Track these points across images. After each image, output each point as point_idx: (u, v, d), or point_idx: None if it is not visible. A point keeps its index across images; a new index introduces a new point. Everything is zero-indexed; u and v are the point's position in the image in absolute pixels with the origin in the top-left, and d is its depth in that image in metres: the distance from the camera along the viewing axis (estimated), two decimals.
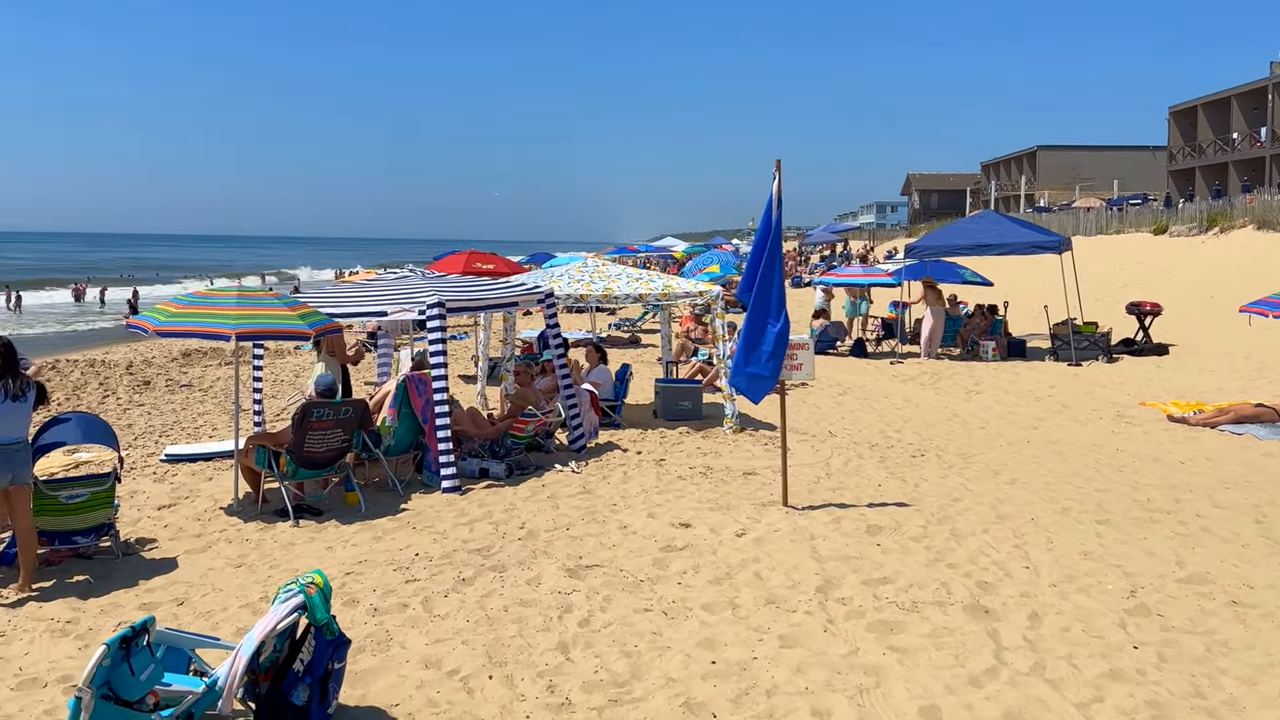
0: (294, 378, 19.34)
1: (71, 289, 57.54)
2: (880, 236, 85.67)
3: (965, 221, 22.97)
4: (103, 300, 53.08)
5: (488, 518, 8.57)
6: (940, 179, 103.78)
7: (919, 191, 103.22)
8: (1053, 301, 24.09)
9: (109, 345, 28.35)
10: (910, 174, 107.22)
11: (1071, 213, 52.07)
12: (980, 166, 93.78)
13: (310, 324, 9.15)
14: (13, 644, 6.27)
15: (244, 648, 4.80)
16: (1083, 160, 77.08)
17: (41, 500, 7.72)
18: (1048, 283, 26.61)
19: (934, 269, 21.80)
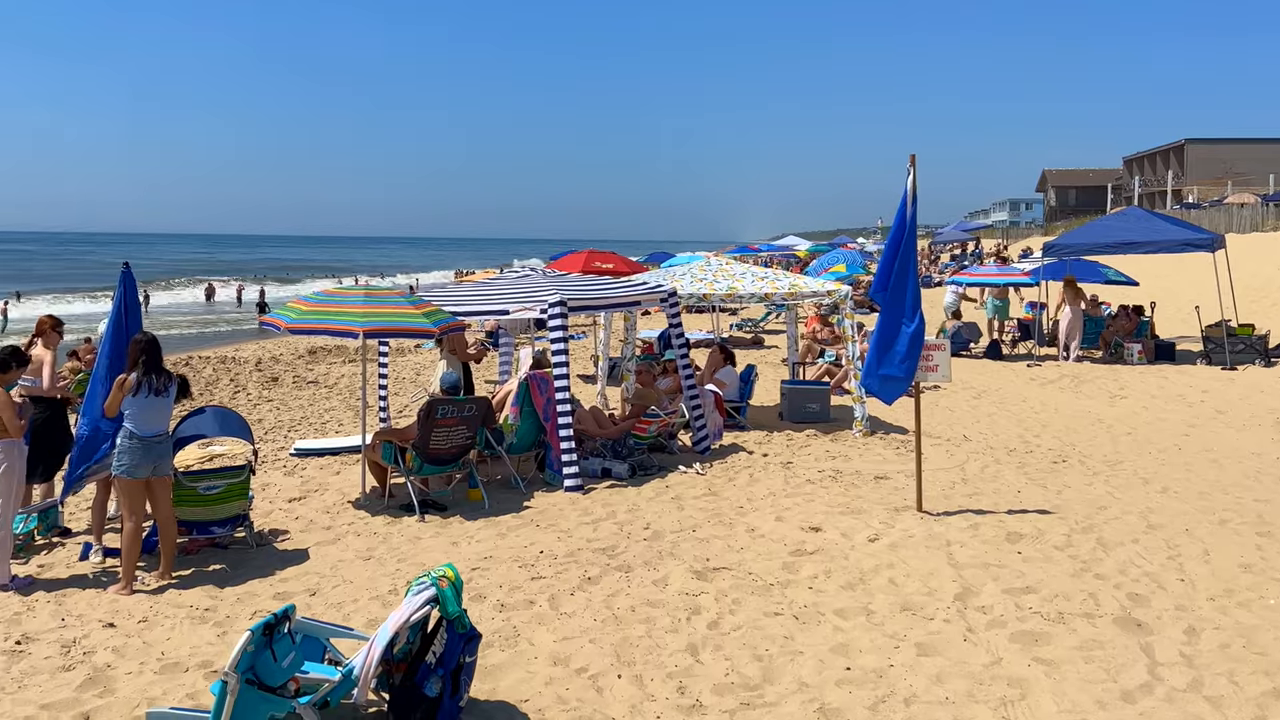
0: (415, 375, 19.86)
1: (204, 288, 60.56)
2: (1014, 235, 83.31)
3: (1110, 218, 22.15)
4: (240, 299, 55.72)
5: (611, 517, 8.65)
6: (1079, 174, 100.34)
7: (1055, 188, 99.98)
8: (1204, 302, 23.05)
9: (239, 343, 29.62)
10: (1046, 169, 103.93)
11: (1223, 209, 49.72)
12: (1122, 161, 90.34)
13: (434, 322, 9.38)
14: (155, 629, 6.59)
15: (378, 638, 4.94)
16: (1235, 154, 73.56)
17: (181, 491, 8.11)
18: (1198, 283, 25.48)
19: (1075, 268, 21.10)
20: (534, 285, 11.24)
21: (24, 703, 5.48)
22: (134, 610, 6.94)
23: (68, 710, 5.37)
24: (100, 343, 8.53)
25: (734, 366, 13.33)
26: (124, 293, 8.45)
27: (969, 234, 61.88)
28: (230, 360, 23.60)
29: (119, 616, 6.82)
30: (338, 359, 23.47)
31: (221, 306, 54.49)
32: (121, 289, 8.45)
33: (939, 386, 15.87)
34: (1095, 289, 23.45)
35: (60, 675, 5.84)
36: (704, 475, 10.15)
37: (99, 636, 6.46)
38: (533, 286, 11.16)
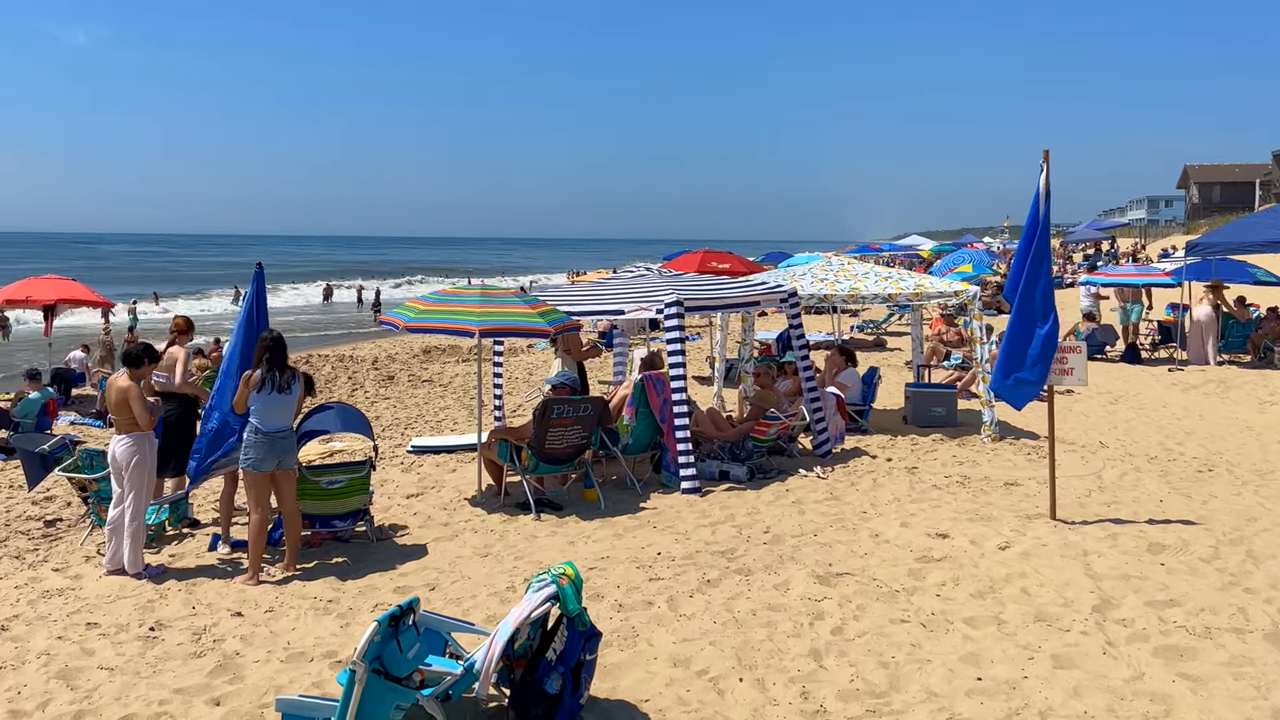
0: (528, 375, 20.16)
1: (323, 288, 62.72)
2: (1153, 234, 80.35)
3: (1259, 215, 21.19)
4: (360, 299, 57.57)
5: (730, 520, 8.65)
6: (1223, 170, 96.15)
7: (1198, 184, 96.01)
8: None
9: (356, 342, 30.52)
10: (1188, 165, 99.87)
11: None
12: (1272, 156, 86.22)
13: (550, 321, 9.53)
14: (281, 619, 6.85)
15: (499, 634, 5.05)
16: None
17: (304, 485, 8.41)
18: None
19: (1221, 267, 20.22)
20: (649, 285, 11.31)
21: (158, 686, 5.76)
22: (260, 600, 7.23)
23: (200, 695, 5.63)
24: (230, 340, 8.91)
25: (856, 368, 13.19)
26: (255, 291, 8.81)
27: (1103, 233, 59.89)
28: (348, 359, 24.35)
29: (246, 606, 7.11)
30: (451, 358, 23.99)
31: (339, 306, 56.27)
32: (253, 288, 8.82)
33: (1072, 391, 15.41)
34: (1243, 290, 22.45)
35: (192, 661, 6.12)
36: (825, 479, 10.07)
37: (228, 625, 6.75)
38: (648, 286, 11.23)
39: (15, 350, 29.98)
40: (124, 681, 5.86)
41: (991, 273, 28.11)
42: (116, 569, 7.94)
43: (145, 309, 42.94)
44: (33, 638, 6.61)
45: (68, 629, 6.75)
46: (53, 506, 10.55)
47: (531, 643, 5.31)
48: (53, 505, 10.61)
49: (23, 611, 7.15)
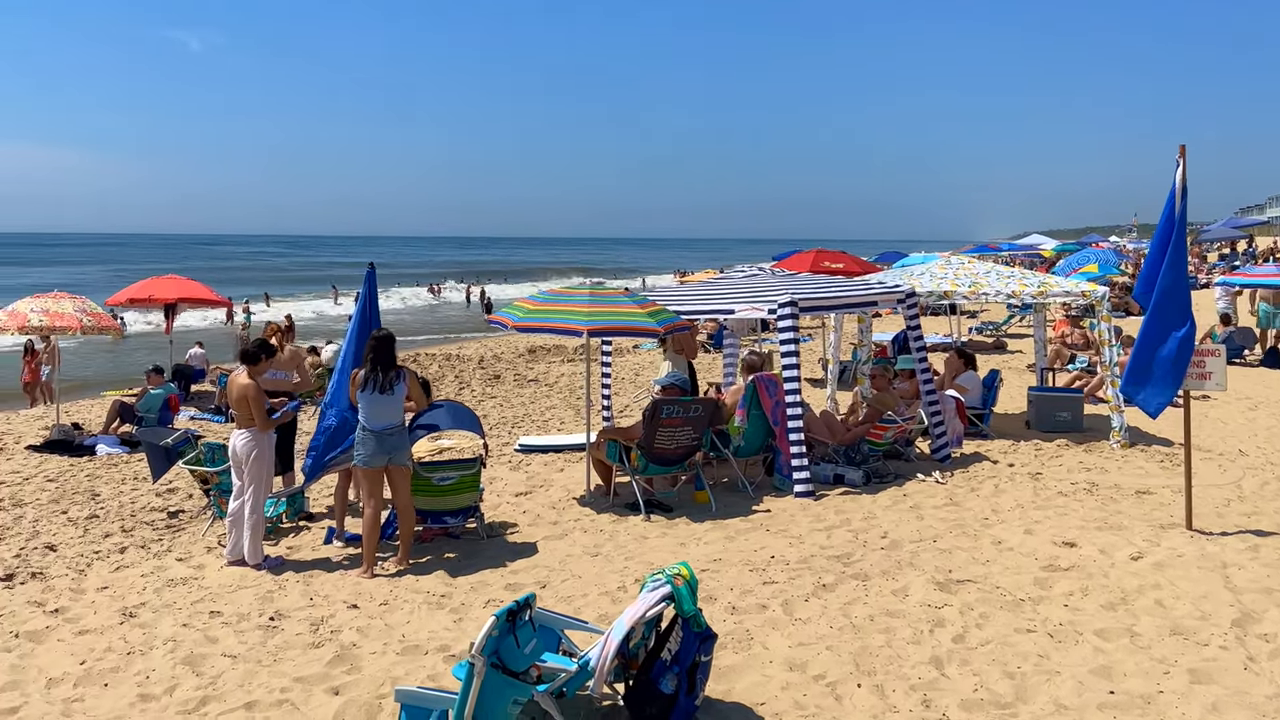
0: (634, 376, 20.30)
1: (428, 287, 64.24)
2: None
3: None
4: (469, 299, 58.86)
5: (845, 525, 8.59)
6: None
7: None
8: None
9: (461, 341, 31.13)
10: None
11: None
12: None
13: (659, 321, 9.58)
14: (395, 612, 7.05)
15: (614, 632, 5.12)
16: None
17: (417, 481, 8.62)
18: None
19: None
20: (762, 284, 11.30)
21: (280, 675, 5.99)
22: (375, 593, 7.45)
23: (319, 684, 5.83)
24: (345, 339, 9.19)
25: (975, 371, 12.95)
26: (368, 292, 9.07)
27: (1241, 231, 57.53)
28: (454, 358, 24.84)
29: (361, 599, 7.34)
30: (557, 358, 24.28)
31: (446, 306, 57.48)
32: (365, 288, 9.08)
33: (1209, 396, 14.87)
34: None
35: (311, 651, 6.34)
36: (944, 484, 9.93)
37: (344, 616, 6.97)
38: (760, 286, 11.21)
39: (132, 349, 31.36)
40: (246, 669, 6.10)
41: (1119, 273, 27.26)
42: (237, 560, 8.27)
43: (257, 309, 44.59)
44: (159, 624, 6.93)
45: (192, 617, 7.06)
46: (175, 498, 11.02)
47: (646, 642, 5.37)
48: (175, 497, 11.07)
49: (149, 599, 7.50)
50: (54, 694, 5.87)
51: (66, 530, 9.77)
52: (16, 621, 7.10)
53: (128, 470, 12.76)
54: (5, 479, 12.24)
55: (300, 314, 42.67)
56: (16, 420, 17.00)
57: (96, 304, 16.87)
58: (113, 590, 7.77)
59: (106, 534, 9.59)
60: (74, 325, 15.39)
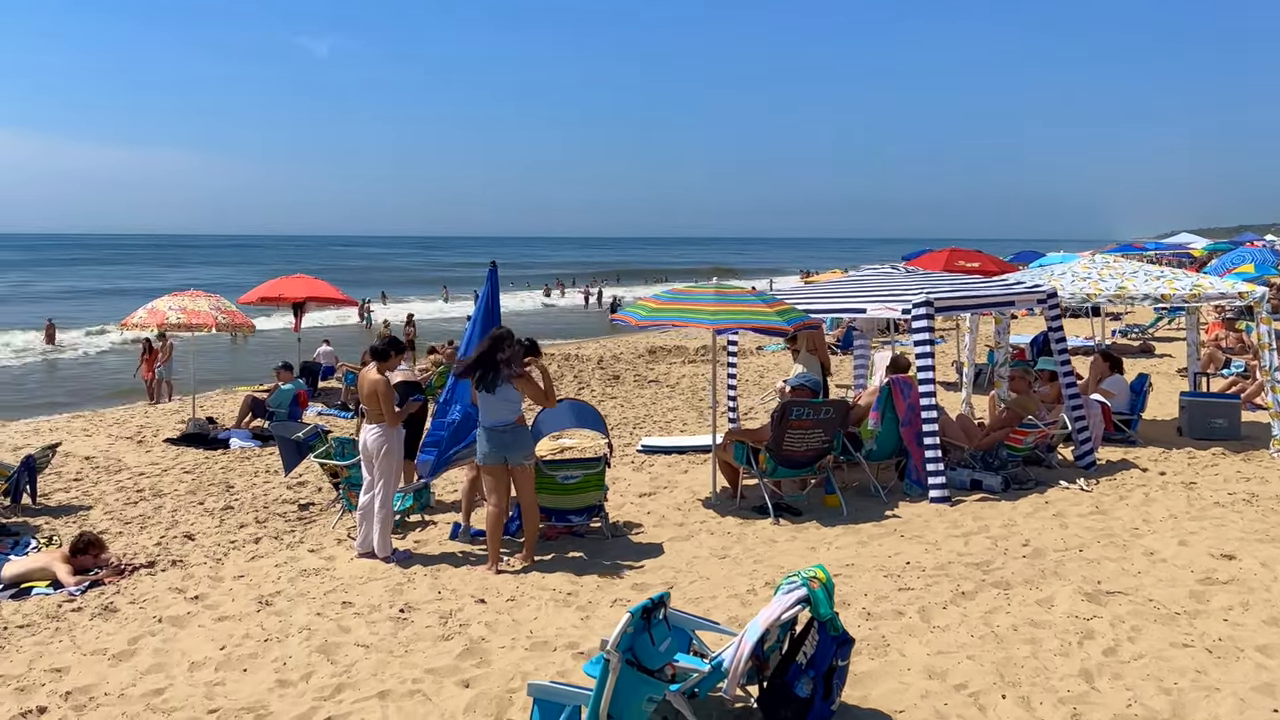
0: (758, 378, 20.23)
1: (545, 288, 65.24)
2: None
3: None
4: (587, 299, 59.62)
5: (984, 532, 8.42)
6: None
7: None
8: None
9: (580, 341, 31.48)
10: None
11: None
12: None
13: (788, 320, 9.54)
14: (522, 608, 7.17)
15: (749, 634, 5.11)
16: None
17: (541, 479, 8.75)
18: None
19: None
20: (895, 283, 11.14)
21: (411, 666, 6.15)
22: (502, 589, 7.59)
23: (450, 676, 5.97)
24: (464, 337, 9.39)
25: (1123, 375, 12.54)
26: (490, 290, 9.23)
27: None
28: (574, 357, 25.12)
29: (489, 594, 7.49)
30: (677, 359, 24.35)
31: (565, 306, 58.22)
32: (487, 286, 9.25)
33: None
34: None
35: (441, 644, 6.50)
36: (1089, 492, 9.64)
37: (472, 611, 7.12)
38: (894, 285, 11.06)
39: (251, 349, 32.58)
40: (379, 659, 6.28)
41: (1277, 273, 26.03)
42: (366, 552, 8.52)
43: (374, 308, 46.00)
44: (294, 613, 7.19)
45: (325, 607, 7.30)
46: (305, 491, 11.42)
47: (780, 645, 5.36)
48: (305, 490, 11.48)
49: (284, 588, 7.79)
50: (197, 677, 6.14)
51: (203, 520, 10.21)
52: (159, 607, 7.46)
53: (260, 463, 13.27)
54: (145, 470, 12.86)
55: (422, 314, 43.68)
56: (155, 414, 17.86)
57: (230, 302, 17.61)
58: (249, 579, 8.10)
59: (241, 524, 9.99)
60: (209, 322, 16.07)
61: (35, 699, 5.89)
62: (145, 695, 5.90)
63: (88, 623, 7.25)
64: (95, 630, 7.06)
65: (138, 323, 16.15)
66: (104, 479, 12.40)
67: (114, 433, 15.69)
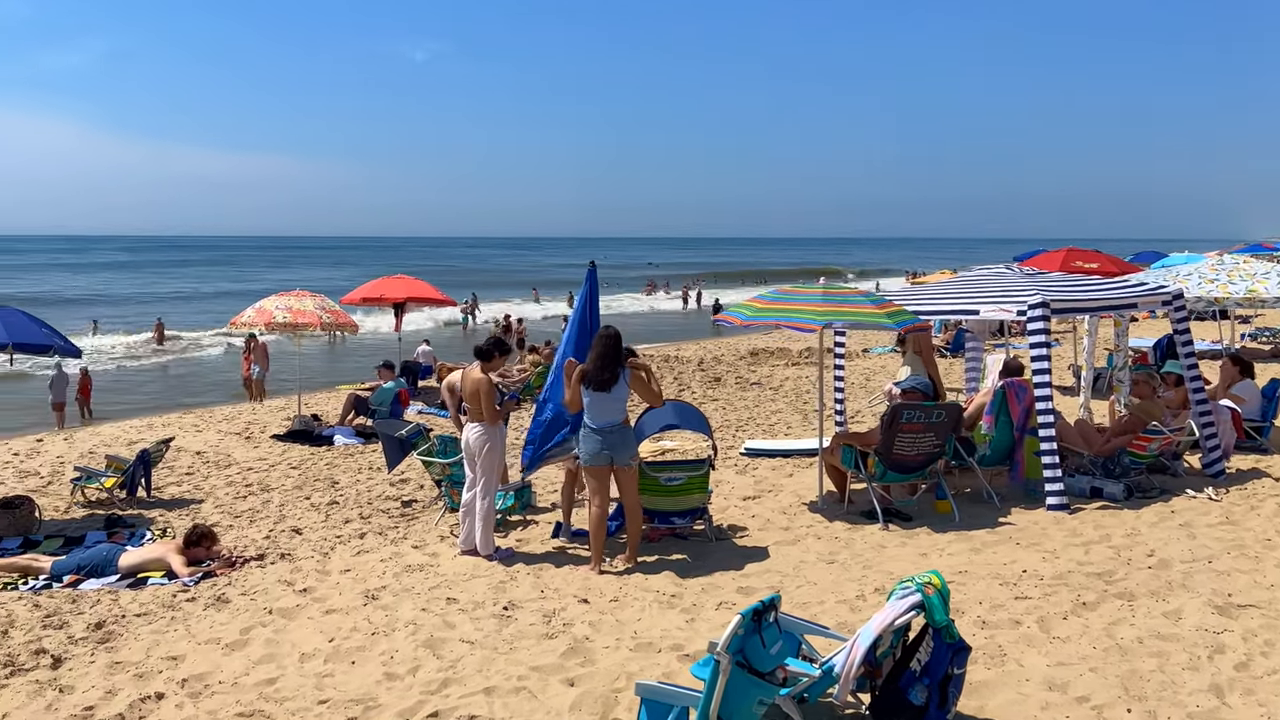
0: (865, 381, 20.01)
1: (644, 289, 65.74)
2: None
3: None
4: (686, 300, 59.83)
5: (1105, 541, 8.21)
6: None
7: None
8: None
9: (680, 343, 31.50)
10: None
11: None
12: None
13: (898, 322, 9.43)
14: (626, 609, 7.21)
15: (861, 639, 5.07)
16: None
17: (644, 480, 8.79)
18: None
19: None
20: (1009, 284, 10.93)
21: (516, 663, 6.24)
22: (605, 589, 7.65)
23: (555, 674, 6.03)
24: (563, 337, 9.47)
25: (1253, 380, 12.12)
26: (589, 290, 9.27)
27: None
28: (673, 359, 25.15)
29: (591, 594, 7.55)
30: (780, 361, 24.22)
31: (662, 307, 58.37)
32: (586, 287, 9.29)
33: None
34: None
35: (545, 642, 6.58)
36: (1219, 501, 9.33)
37: (575, 610, 7.19)
38: (1007, 285, 10.85)
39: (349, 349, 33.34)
40: (484, 655, 6.38)
41: None
42: (469, 550, 8.66)
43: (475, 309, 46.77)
44: (400, 608, 7.35)
45: (430, 602, 7.45)
46: (408, 488, 11.66)
47: (893, 651, 5.30)
48: (407, 487, 11.72)
49: (389, 583, 7.97)
50: (307, 668, 6.32)
51: (310, 515, 10.50)
52: (269, 599, 7.70)
53: (363, 460, 13.59)
54: (253, 465, 13.27)
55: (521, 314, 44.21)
56: (261, 410, 18.41)
57: (333, 302, 18.08)
58: (355, 573, 8.30)
59: (346, 520, 10.25)
60: (314, 321, 16.52)
61: (153, 685, 6.12)
62: (258, 685, 6.09)
63: (201, 612, 7.52)
64: (209, 620, 7.32)
65: (246, 322, 16.68)
66: (214, 473, 12.84)
67: (223, 428, 16.22)
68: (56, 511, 11.02)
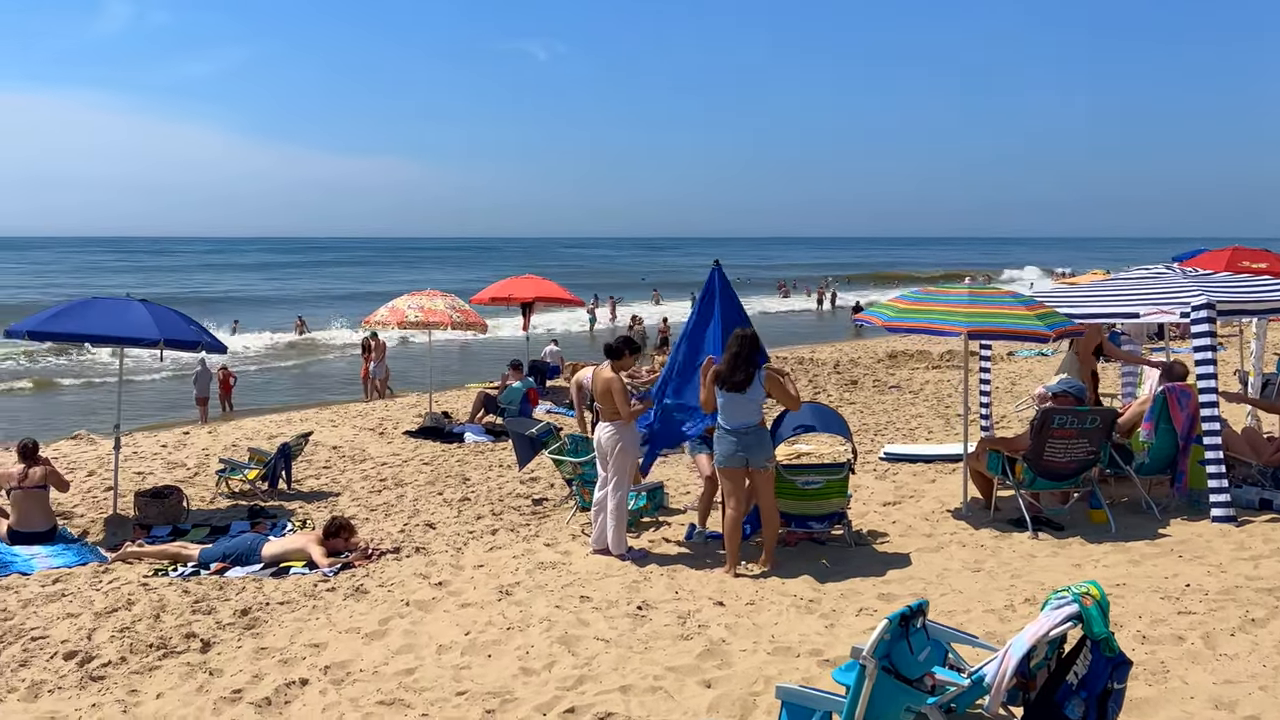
0: (1010, 385, 19.57)
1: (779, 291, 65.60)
2: None
3: None
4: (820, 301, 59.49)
5: (1276, 555, 7.87)
6: None
7: None
8: None
9: (814, 344, 31.28)
10: None
11: None
12: None
13: (1049, 325, 9.19)
14: (762, 612, 7.20)
15: (1014, 649, 4.96)
16: None
17: (780, 484, 8.76)
18: None
19: None
20: (1168, 284, 10.55)
21: (651, 663, 6.28)
22: (740, 592, 7.65)
23: (691, 675, 6.06)
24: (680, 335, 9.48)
25: None
26: (716, 289, 9.22)
27: None
28: (807, 361, 24.99)
29: (727, 596, 7.55)
30: (920, 364, 23.83)
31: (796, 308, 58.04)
32: (710, 286, 9.24)
33: None
34: None
35: (680, 643, 6.60)
36: None
37: (710, 613, 7.20)
38: (1168, 286, 10.47)
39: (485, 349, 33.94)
40: (619, 654, 6.45)
41: None
42: (601, 549, 8.75)
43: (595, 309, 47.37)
44: (534, 604, 7.47)
45: (563, 600, 7.55)
46: (538, 486, 11.84)
47: (1048, 663, 5.17)
48: (538, 485, 11.90)
49: (522, 579, 8.10)
50: (444, 660, 6.48)
51: (442, 510, 10.76)
52: (406, 591, 7.91)
53: (493, 458, 13.86)
54: (387, 460, 13.67)
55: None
56: (394, 407, 18.93)
57: (463, 301, 18.50)
58: (488, 569, 8.47)
59: (478, 516, 10.47)
60: (445, 321, 16.93)
61: (297, 671, 6.37)
62: (397, 674, 6.28)
63: (341, 602, 7.77)
64: (348, 610, 7.57)
65: (380, 320, 17.18)
66: (350, 467, 13.27)
67: (357, 424, 16.74)
68: (202, 501, 11.55)
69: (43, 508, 9.90)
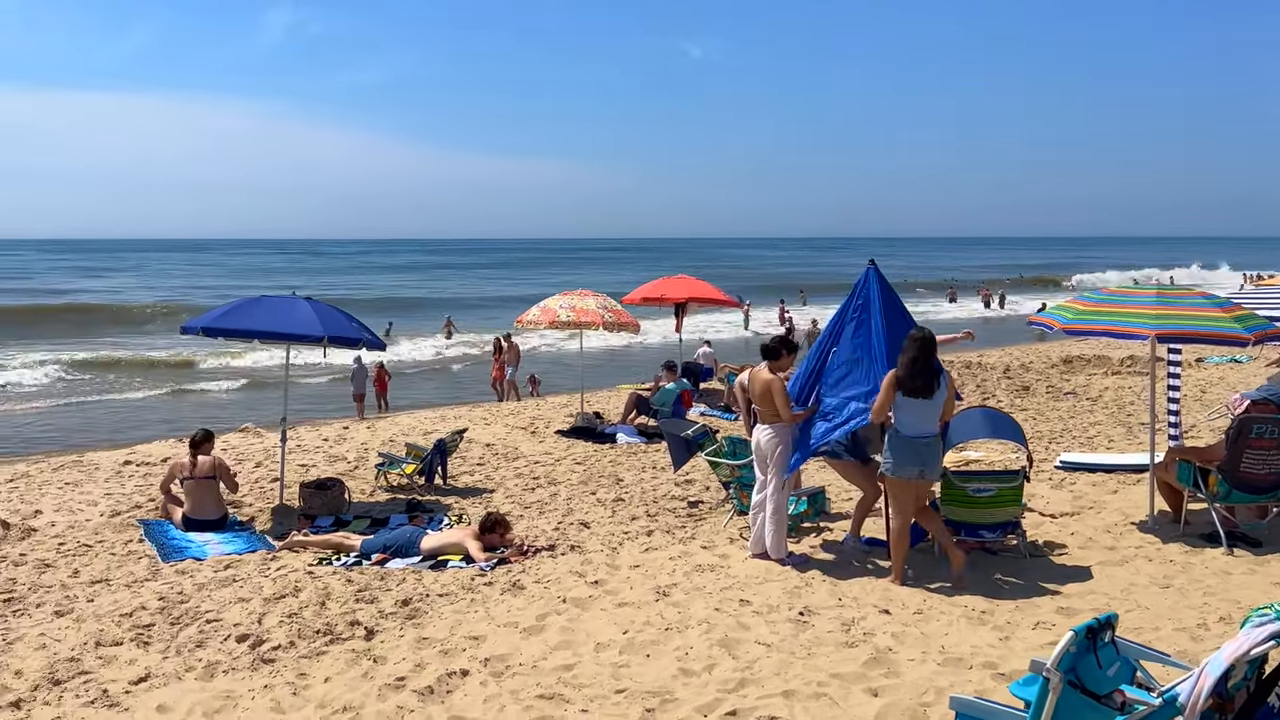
0: (1199, 393, 18.75)
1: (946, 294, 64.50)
2: None
3: None
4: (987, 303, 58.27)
5: None
6: None
7: None
8: None
9: (982, 349, 30.53)
10: None
11: None
12: None
13: (1248, 329, 8.79)
14: (931, 622, 7.07)
15: (1211, 668, 4.75)
16: None
17: (950, 491, 8.58)
18: None
19: None
20: None
21: (814, 669, 6.24)
22: (908, 601, 7.53)
23: (857, 683, 6.00)
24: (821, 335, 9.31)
25: None
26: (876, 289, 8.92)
27: None
28: (975, 365, 24.40)
29: (893, 605, 7.45)
30: (1098, 370, 23.03)
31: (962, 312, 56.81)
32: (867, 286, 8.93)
33: None
34: None
35: (844, 650, 6.54)
36: None
37: (875, 620, 7.11)
38: None
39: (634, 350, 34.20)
40: (780, 659, 6.42)
41: None
42: (760, 553, 8.71)
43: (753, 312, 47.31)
44: (692, 605, 7.49)
45: (722, 602, 7.55)
46: (693, 489, 11.86)
47: (1246, 684, 4.94)
48: (693, 488, 11.92)
49: (680, 581, 8.13)
50: (602, 657, 6.56)
51: (596, 510, 10.88)
52: (563, 588, 8.03)
53: (646, 459, 13.94)
54: (540, 459, 13.91)
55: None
56: (545, 407, 19.25)
57: (615, 301, 18.66)
58: (644, 569, 8.52)
59: (633, 516, 10.55)
60: (596, 321, 17.10)
61: (458, 662, 6.54)
62: (556, 669, 6.38)
63: (498, 596, 7.94)
64: (506, 604, 7.72)
65: (532, 320, 17.45)
66: (504, 465, 13.56)
67: (509, 423, 17.08)
68: (362, 494, 11.95)
69: (214, 497, 10.46)
